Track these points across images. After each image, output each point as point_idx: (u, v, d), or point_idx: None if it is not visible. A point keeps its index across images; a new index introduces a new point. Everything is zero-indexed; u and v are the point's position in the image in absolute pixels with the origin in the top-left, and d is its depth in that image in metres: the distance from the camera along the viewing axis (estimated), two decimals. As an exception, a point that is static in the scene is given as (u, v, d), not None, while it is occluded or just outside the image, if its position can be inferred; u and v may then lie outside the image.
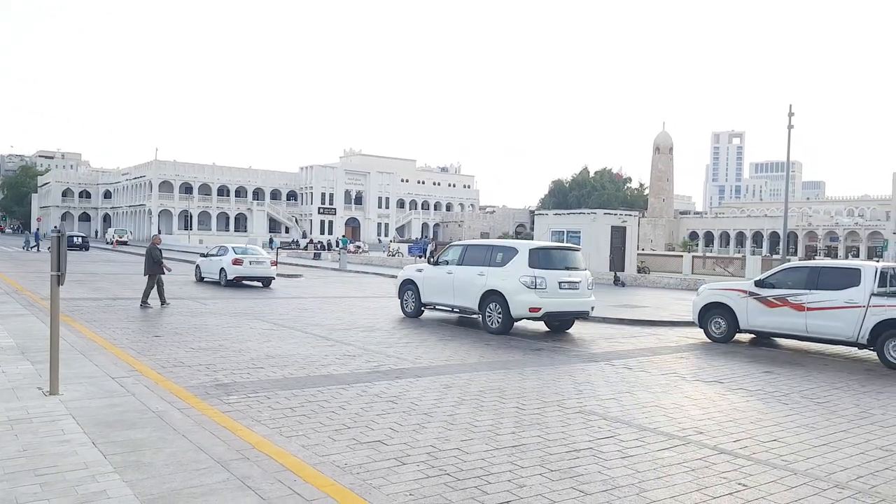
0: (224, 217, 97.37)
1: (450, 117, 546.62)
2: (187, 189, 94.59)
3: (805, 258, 72.62)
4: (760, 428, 6.90)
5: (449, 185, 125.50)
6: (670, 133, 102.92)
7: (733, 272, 35.19)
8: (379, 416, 6.73)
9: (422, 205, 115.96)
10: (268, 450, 5.48)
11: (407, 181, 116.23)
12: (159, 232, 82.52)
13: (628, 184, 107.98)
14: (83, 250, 48.42)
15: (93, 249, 52.70)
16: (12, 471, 4.71)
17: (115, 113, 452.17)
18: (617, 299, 21.80)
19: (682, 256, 41.98)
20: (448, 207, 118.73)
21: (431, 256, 16.43)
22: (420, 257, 43.99)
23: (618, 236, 33.27)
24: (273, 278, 24.15)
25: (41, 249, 45.55)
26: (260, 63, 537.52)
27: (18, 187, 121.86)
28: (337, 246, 59.66)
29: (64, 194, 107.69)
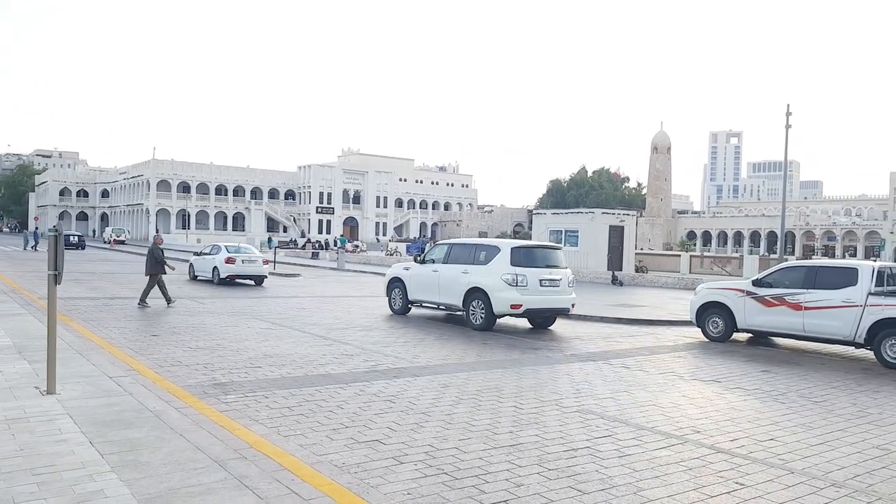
0: (222, 216, 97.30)
1: (448, 117, 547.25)
2: (185, 188, 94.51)
3: (802, 258, 72.75)
4: (758, 427, 6.92)
5: (447, 185, 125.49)
6: (668, 133, 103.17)
7: (731, 271, 35.17)
8: (377, 416, 6.73)
9: (420, 204, 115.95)
10: (265, 449, 5.47)
11: (405, 180, 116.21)
12: (158, 231, 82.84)
13: (626, 183, 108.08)
14: (79, 249, 48.57)
15: (90, 249, 52.67)
16: (9, 470, 4.71)
17: (113, 112, 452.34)
18: (615, 298, 21.82)
19: (680, 256, 41.94)
20: (446, 207, 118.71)
21: (418, 255, 16.61)
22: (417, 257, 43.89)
23: (616, 236, 33.29)
24: (265, 277, 24.29)
25: (39, 249, 45.50)
26: (258, 62, 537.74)
27: (16, 186, 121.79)
28: (335, 245, 59.57)
29: (61, 193, 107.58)
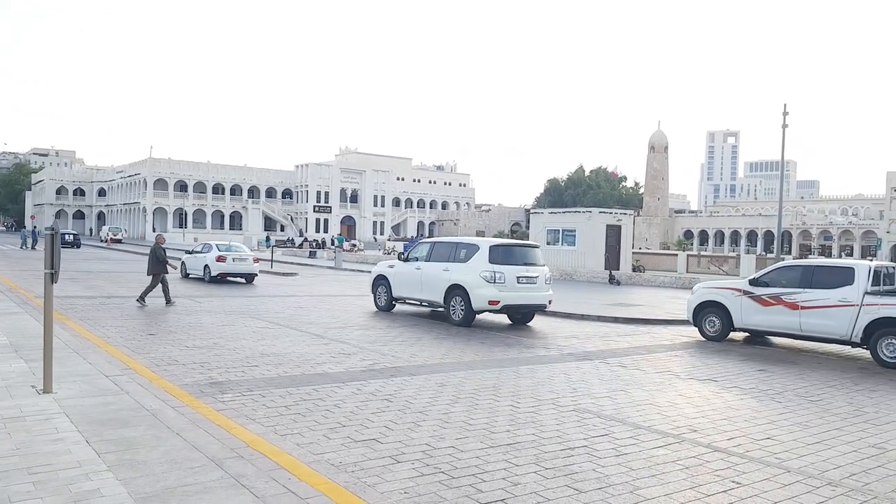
0: (219, 215, 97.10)
1: (446, 116, 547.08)
2: (182, 187, 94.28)
3: (799, 257, 72.89)
4: (754, 426, 6.93)
5: (445, 184, 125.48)
6: (665, 132, 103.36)
7: (728, 271, 35.23)
8: (374, 415, 6.73)
9: (417, 203, 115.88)
10: (262, 448, 5.47)
11: (403, 179, 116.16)
12: (154, 230, 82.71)
13: (623, 182, 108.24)
14: (75, 248, 48.66)
15: (87, 248, 52.58)
16: (5, 469, 4.70)
17: (110, 111, 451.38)
18: (612, 298, 21.84)
19: (677, 255, 41.97)
20: (444, 206, 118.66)
21: (402, 254, 16.87)
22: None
23: (613, 235, 33.34)
24: (256, 275, 24.40)
25: (36, 248, 45.44)
26: (255, 61, 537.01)
27: (12, 185, 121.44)
28: (332, 244, 59.55)
29: (58, 192, 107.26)
